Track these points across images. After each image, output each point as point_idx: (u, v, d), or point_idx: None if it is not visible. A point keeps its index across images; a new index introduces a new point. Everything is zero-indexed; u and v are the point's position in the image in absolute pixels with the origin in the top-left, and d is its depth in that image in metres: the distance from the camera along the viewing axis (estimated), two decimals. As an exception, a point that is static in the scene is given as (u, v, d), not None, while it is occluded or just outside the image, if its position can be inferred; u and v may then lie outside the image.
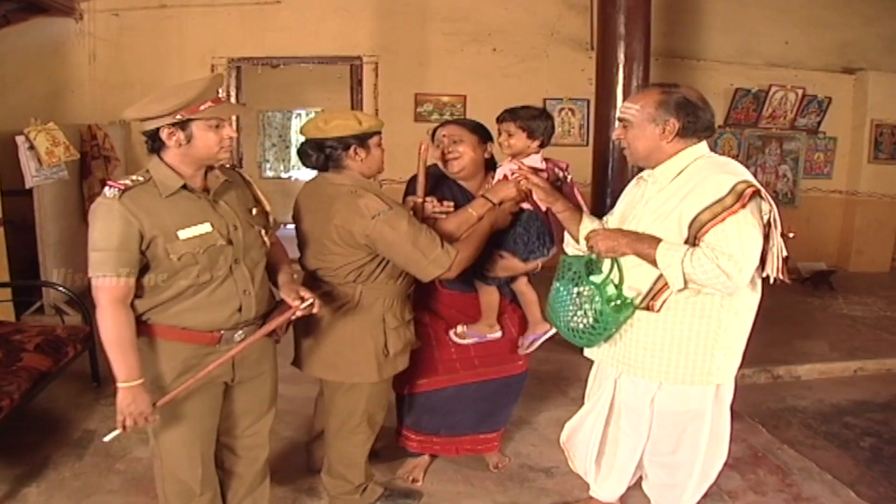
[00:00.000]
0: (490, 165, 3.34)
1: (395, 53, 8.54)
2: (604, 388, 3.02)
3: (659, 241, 2.56)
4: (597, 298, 2.72)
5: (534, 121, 3.16)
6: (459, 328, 3.38)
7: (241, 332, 2.53)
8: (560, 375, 5.19)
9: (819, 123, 9.54)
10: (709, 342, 2.67)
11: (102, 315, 2.28)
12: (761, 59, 9.20)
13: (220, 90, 2.47)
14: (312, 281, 2.98)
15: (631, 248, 2.64)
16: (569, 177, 3.24)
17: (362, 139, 2.86)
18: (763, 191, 2.50)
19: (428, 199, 3.12)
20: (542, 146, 3.21)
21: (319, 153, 2.88)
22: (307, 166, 2.96)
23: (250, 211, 2.61)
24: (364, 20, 8.47)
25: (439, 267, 2.79)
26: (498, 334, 3.39)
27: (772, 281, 2.62)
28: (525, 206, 3.14)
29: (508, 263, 3.21)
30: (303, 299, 2.52)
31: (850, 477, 3.87)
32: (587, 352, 3.02)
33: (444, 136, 3.21)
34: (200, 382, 2.44)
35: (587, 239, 2.82)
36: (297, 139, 13.33)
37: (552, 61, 8.82)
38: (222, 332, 2.48)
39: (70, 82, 8.14)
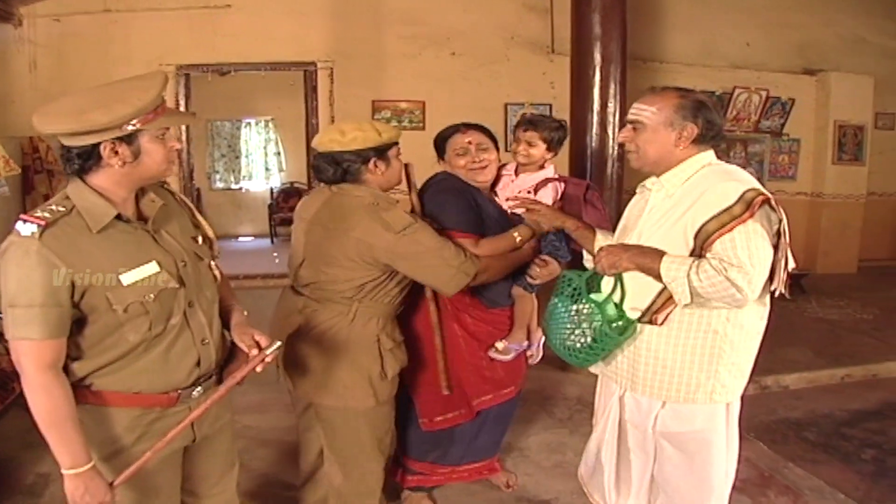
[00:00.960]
0: None
1: (351, 58, 8.37)
2: (610, 408, 2.82)
3: (663, 253, 2.41)
4: (597, 317, 2.55)
5: (556, 132, 3.15)
6: (500, 344, 3.20)
7: (199, 388, 2.13)
8: (544, 394, 5.00)
9: (783, 125, 9.62)
10: (713, 358, 2.48)
11: (30, 387, 1.84)
12: (724, 61, 9.22)
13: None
14: (296, 295, 2.80)
15: (633, 263, 2.48)
16: (594, 196, 3.21)
17: (381, 151, 2.71)
18: (773, 199, 2.35)
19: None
20: (553, 157, 3.22)
21: (337, 167, 2.71)
22: (322, 181, 2.79)
23: (195, 240, 2.21)
24: (318, 24, 8.29)
25: (465, 275, 2.69)
26: (526, 343, 3.29)
27: (776, 294, 2.45)
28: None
29: (553, 268, 3.12)
30: (259, 345, 2.13)
31: (857, 493, 3.72)
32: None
33: (469, 142, 3.07)
34: (160, 454, 2.03)
35: (594, 257, 2.69)
36: (246, 149, 13.30)
37: (513, 65, 8.73)
38: (179, 391, 2.08)
39: (10, 92, 7.76)
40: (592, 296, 2.61)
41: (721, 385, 2.50)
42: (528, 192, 3.09)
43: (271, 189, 13.25)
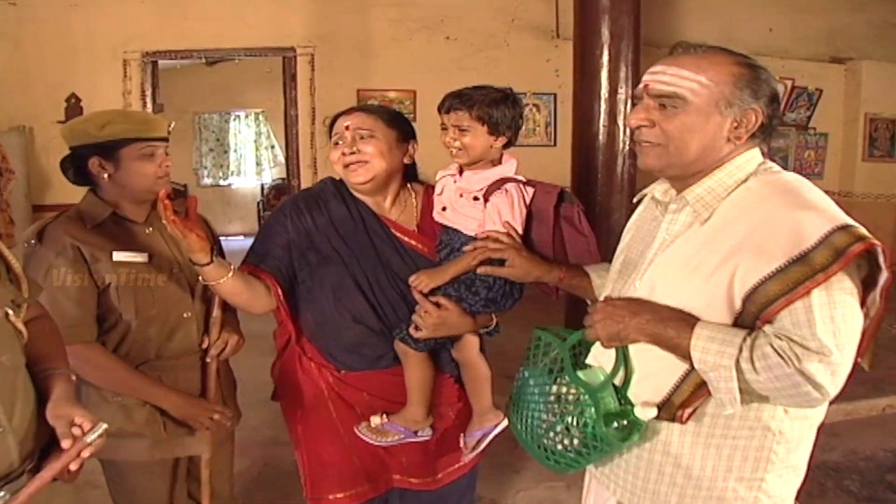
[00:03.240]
0: (410, 174, 2.43)
1: (334, 43, 7.84)
2: None
3: (693, 321, 1.58)
4: (589, 410, 1.72)
5: (496, 108, 2.17)
6: (375, 420, 2.29)
7: (1, 492, 1.44)
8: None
9: (809, 118, 9.05)
10: (760, 464, 1.68)
11: None
12: (744, 48, 7.86)
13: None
14: None
15: (645, 334, 1.66)
16: (574, 210, 2.27)
17: (107, 149, 2.23)
18: (879, 247, 1.49)
19: None
20: (507, 145, 2.25)
21: (67, 169, 2.32)
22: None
23: None
24: (298, 6, 7.79)
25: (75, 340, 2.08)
26: (428, 433, 2.33)
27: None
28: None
29: (448, 317, 2.20)
30: (83, 430, 1.46)
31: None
32: None
33: (346, 127, 2.25)
34: None
35: (585, 318, 1.81)
36: (235, 143, 13.15)
37: (513, 51, 8.11)
38: None
39: (-38, 81, 7.27)
40: (581, 373, 1.79)
41: (767, 497, 1.70)
42: (473, 199, 2.22)
43: (262, 185, 13.01)
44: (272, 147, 13.08)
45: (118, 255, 2.20)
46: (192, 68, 10.90)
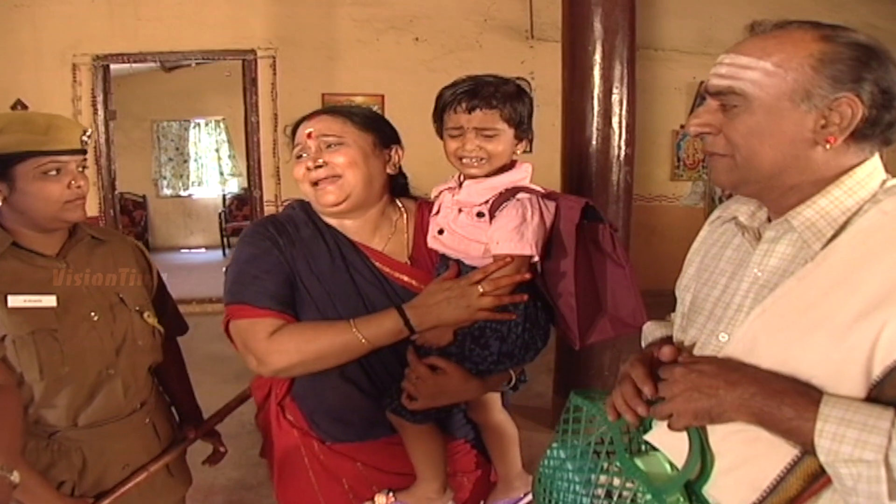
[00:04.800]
0: (397, 188, 1.97)
1: (297, 45, 7.65)
2: None
3: (816, 395, 1.12)
4: None
5: (522, 104, 1.74)
6: (380, 500, 1.84)
7: None
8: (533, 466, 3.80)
9: None
10: None
11: None
12: (724, 49, 8.12)
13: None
14: None
15: (749, 411, 1.17)
16: (605, 232, 1.72)
17: None
18: None
19: None
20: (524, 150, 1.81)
21: None
22: None
23: None
24: (258, 6, 7.57)
25: None
26: None
27: None
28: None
29: (448, 383, 1.71)
30: None
31: None
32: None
33: (308, 135, 1.80)
34: None
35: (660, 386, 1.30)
36: (196, 152, 12.85)
37: (486, 52, 7.91)
38: None
39: None
40: (640, 460, 1.33)
41: None
42: (477, 216, 1.73)
43: (224, 196, 12.62)
44: (234, 156, 12.71)
45: (14, 300, 1.72)
46: (150, 74, 10.60)
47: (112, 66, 7.43)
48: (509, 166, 1.75)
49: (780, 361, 1.17)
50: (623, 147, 4.01)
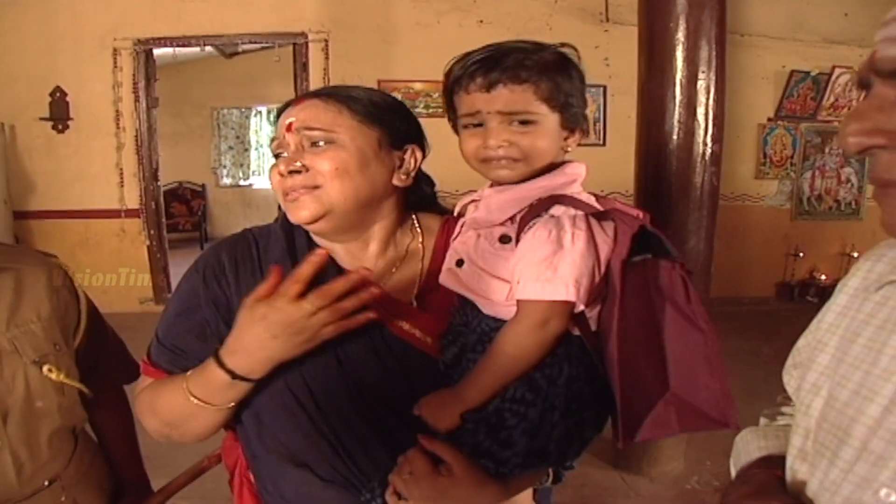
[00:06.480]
0: (420, 200, 1.47)
1: (351, 28, 7.37)
2: None
3: None
4: None
5: (564, 77, 1.22)
6: None
7: None
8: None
9: None
10: None
11: None
12: (817, 35, 7.97)
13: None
14: None
15: None
16: (675, 274, 1.16)
17: None
18: None
19: None
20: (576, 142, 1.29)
21: None
22: None
23: None
24: None
25: None
26: None
27: None
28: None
29: (451, 487, 1.15)
30: None
31: None
32: None
33: (288, 127, 1.30)
34: None
35: None
36: (256, 140, 12.85)
37: (556, 36, 6.97)
38: None
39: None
40: None
41: None
42: (499, 241, 1.21)
43: None
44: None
45: None
46: (210, 60, 10.53)
47: (168, 52, 7.26)
48: (547, 168, 1.22)
49: None
50: (709, 143, 3.38)
